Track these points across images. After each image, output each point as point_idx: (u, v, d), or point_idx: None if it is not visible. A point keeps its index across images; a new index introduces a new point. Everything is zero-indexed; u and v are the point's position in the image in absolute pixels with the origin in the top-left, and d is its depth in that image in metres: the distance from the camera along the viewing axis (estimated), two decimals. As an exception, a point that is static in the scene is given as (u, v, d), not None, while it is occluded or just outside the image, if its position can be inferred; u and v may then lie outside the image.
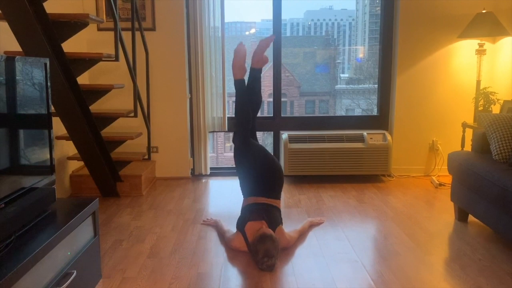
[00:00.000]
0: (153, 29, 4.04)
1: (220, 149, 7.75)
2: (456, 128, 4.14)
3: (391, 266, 2.39)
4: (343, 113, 6.66)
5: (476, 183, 2.69)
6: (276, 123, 4.39)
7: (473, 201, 2.80)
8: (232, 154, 2.86)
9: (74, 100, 2.96)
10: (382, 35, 4.32)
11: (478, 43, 3.90)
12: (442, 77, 4.19)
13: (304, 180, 4.11)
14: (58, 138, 3.43)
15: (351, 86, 7.11)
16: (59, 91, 2.86)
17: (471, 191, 2.81)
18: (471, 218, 3.04)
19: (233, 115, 2.96)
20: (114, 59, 3.27)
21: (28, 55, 2.66)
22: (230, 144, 7.74)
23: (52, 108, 2.46)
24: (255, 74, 3.00)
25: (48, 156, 2.10)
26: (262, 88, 3.04)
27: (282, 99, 4.46)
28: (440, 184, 3.93)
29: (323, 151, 4.01)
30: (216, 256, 2.53)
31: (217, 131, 4.26)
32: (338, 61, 7.37)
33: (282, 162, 4.11)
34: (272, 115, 4.42)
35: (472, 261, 2.45)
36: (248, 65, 2.98)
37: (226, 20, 4.06)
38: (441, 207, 3.37)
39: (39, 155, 2.04)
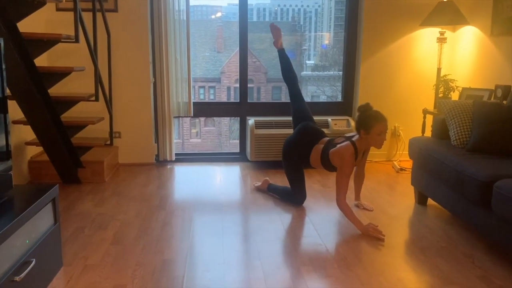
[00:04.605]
0: (115, 10, 3.91)
1: (186, 135, 7.66)
2: (417, 114, 4.25)
3: (354, 249, 2.45)
4: (308, 100, 6.70)
5: (435, 168, 2.78)
6: (242, 109, 4.38)
7: (432, 185, 2.90)
8: (197, 140, 2.83)
9: (31, 82, 2.84)
10: (347, 22, 4.35)
11: (439, 31, 4.00)
12: (405, 64, 4.28)
13: (270, 165, 4.13)
14: (15, 122, 3.29)
15: (317, 73, 7.16)
16: (14, 73, 2.73)
17: (430, 175, 2.90)
18: (430, 201, 3.15)
19: (199, 100, 2.92)
20: (74, 40, 3.15)
21: (-20, 35, 2.52)
22: (196, 130, 7.68)
23: (8, 91, 2.35)
24: (280, 54, 3.49)
25: (4, 141, 2.01)
26: (229, 73, 3.02)
27: (249, 85, 4.44)
28: (401, 169, 4.04)
29: (289, 136, 4.02)
30: (182, 242, 2.52)
31: (182, 116, 4.19)
32: (304, 47, 7.39)
33: (248, 148, 4.11)
34: (238, 101, 4.40)
35: (431, 243, 2.54)
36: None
37: (191, 3, 3.98)
38: (402, 191, 3.47)
39: (-6, 139, 1.94)
